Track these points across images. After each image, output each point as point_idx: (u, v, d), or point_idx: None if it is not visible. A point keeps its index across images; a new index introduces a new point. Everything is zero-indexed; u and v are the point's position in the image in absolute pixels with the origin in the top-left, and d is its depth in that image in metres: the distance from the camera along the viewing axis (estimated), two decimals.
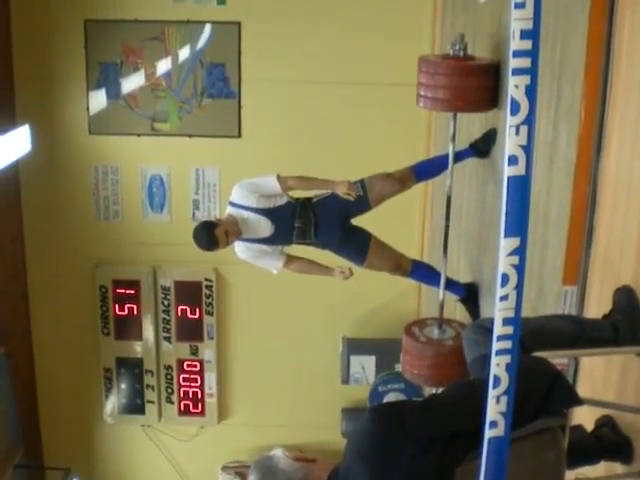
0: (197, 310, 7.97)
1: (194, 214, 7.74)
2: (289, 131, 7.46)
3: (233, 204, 4.97)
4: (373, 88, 7.29)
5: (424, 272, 5.49)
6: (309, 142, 7.44)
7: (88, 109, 7.48)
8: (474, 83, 4.73)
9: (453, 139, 5.06)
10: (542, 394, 2.18)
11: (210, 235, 4.80)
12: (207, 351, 8.10)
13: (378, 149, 7.13)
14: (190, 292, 7.93)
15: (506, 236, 1.66)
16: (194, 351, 8.10)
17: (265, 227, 4.96)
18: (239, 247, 5.05)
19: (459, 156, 5.20)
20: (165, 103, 7.48)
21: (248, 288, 7.88)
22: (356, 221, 5.13)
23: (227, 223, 4.87)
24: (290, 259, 5.12)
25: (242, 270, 7.77)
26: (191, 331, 8.02)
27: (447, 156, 5.10)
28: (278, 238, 5.02)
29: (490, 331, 1.75)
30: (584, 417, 3.13)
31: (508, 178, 1.66)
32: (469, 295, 5.46)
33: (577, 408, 2.46)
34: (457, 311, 5.86)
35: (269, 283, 7.79)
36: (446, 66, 4.77)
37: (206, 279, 7.89)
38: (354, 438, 2.09)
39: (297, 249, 5.21)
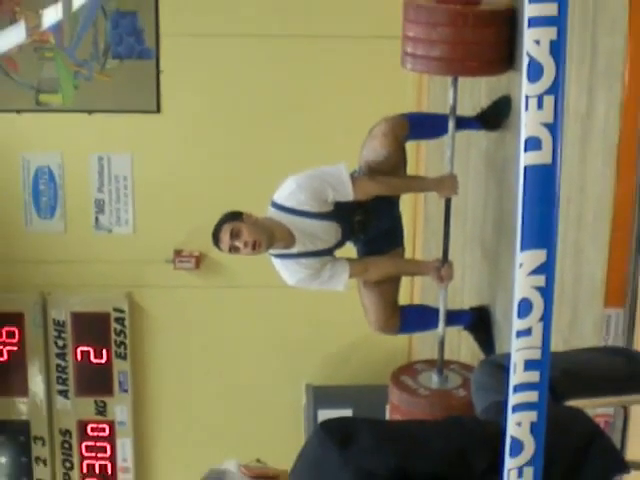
0: (104, 352, 7.93)
1: (97, 220, 7.70)
2: (226, 104, 7.45)
3: (284, 208, 4.98)
4: (338, 42, 7.30)
5: (418, 318, 5.58)
6: (255, 118, 7.44)
7: None
8: (487, 36, 4.75)
9: (453, 112, 5.09)
10: (573, 458, 2.22)
11: (216, 229, 4.90)
12: (119, 409, 8.06)
13: (347, 127, 7.14)
14: (94, 328, 7.89)
15: (525, 248, 1.67)
16: (101, 409, 8.06)
17: (334, 233, 5.07)
18: (288, 269, 5.09)
19: (462, 125, 5.27)
20: (54, 67, 7.44)
21: (175, 320, 7.86)
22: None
23: (258, 225, 4.87)
24: (354, 264, 5.22)
25: (166, 295, 7.79)
26: (96, 382, 7.99)
27: (446, 118, 5.16)
28: (341, 243, 5.16)
29: (508, 372, 1.77)
30: None
31: (526, 168, 1.67)
32: (478, 320, 5.52)
33: (626, 476, 2.48)
34: (462, 346, 5.89)
35: (204, 313, 7.83)
36: (450, 13, 4.78)
37: (116, 309, 7.86)
38: (300, 452, 2.35)
39: None
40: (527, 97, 1.66)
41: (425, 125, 5.39)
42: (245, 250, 4.83)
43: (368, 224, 5.16)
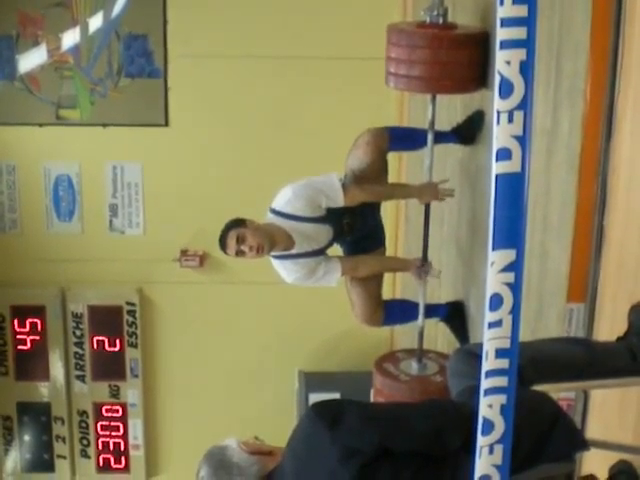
0: (117, 341, 7.92)
1: (111, 222, 7.70)
2: (229, 118, 7.44)
3: (283, 214, 4.97)
4: (330, 63, 7.30)
5: (400, 311, 5.59)
6: (254, 132, 7.43)
7: None
8: (462, 57, 4.74)
9: (432, 127, 5.08)
10: (539, 436, 2.23)
11: (222, 235, 4.89)
12: (131, 392, 8.05)
13: (336, 138, 7.11)
14: (108, 319, 7.88)
15: (496, 248, 1.67)
16: (115, 392, 8.04)
17: (327, 234, 5.08)
18: (287, 268, 5.09)
19: (439, 138, 5.26)
20: (73, 85, 7.43)
21: (181, 313, 7.85)
22: None
23: (260, 231, 4.86)
24: (345, 262, 5.22)
25: (173, 291, 7.78)
26: (110, 368, 7.97)
27: (425, 132, 5.15)
28: (332, 243, 5.17)
29: (481, 359, 1.77)
30: (597, 464, 3.15)
31: (497, 176, 1.67)
32: (454, 313, 5.53)
33: (586, 453, 2.49)
34: (439, 336, 5.89)
35: (207, 306, 7.82)
36: (427, 37, 4.77)
37: (128, 303, 7.84)
38: (294, 429, 2.41)
39: None
40: (499, 112, 1.65)
41: (404, 138, 5.39)
42: (250, 254, 4.83)
43: (355, 226, 5.18)
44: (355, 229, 5.19)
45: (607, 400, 3.44)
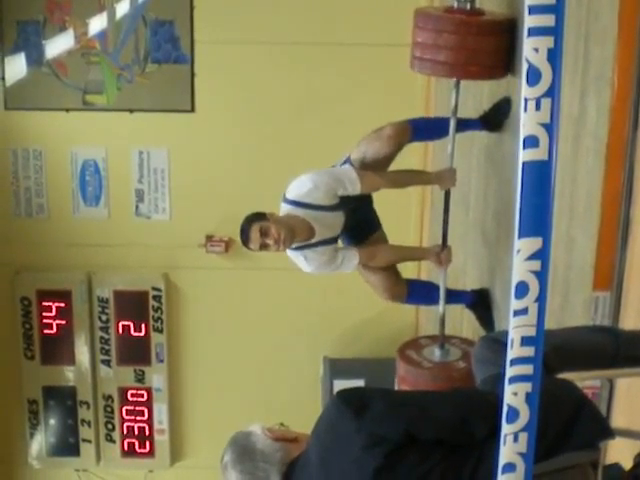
0: (143, 326, 7.96)
1: (137, 208, 7.73)
2: (254, 104, 7.44)
3: (302, 204, 4.97)
4: (357, 49, 7.29)
5: (424, 291, 5.59)
6: (278, 117, 7.44)
7: (3, 79, 7.44)
8: (488, 44, 4.73)
9: (455, 112, 5.07)
10: (564, 424, 2.23)
11: (244, 229, 4.88)
12: (156, 377, 8.09)
13: (363, 125, 7.12)
14: (134, 304, 7.92)
15: (522, 236, 1.66)
16: (140, 377, 8.08)
17: (341, 221, 5.08)
18: (307, 257, 5.09)
19: (465, 126, 5.27)
20: (100, 70, 7.45)
21: (206, 298, 7.88)
22: None
23: (282, 223, 4.86)
24: (363, 250, 5.21)
25: (199, 276, 7.81)
26: (136, 353, 8.01)
27: (448, 120, 5.15)
28: (344, 229, 5.15)
29: (506, 347, 1.77)
30: (622, 452, 3.14)
31: (524, 164, 1.66)
32: (479, 300, 5.52)
33: (611, 441, 2.48)
34: (465, 323, 5.88)
35: (232, 292, 7.84)
36: (455, 22, 4.76)
37: (154, 288, 7.88)
38: (319, 417, 2.42)
39: None
40: (526, 99, 1.65)
41: (427, 130, 5.39)
42: (275, 247, 4.83)
43: (357, 211, 5.15)
44: (357, 215, 5.18)
45: (632, 388, 3.43)
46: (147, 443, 8.24)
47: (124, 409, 8.17)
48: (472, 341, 5.43)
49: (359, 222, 5.25)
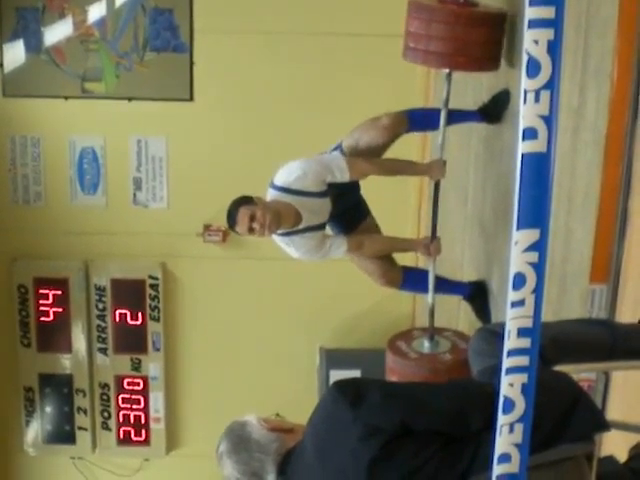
0: (139, 315, 7.96)
1: (135, 196, 7.72)
2: (252, 93, 7.44)
3: (290, 190, 4.97)
4: (357, 39, 7.28)
5: (419, 279, 5.56)
6: (277, 106, 7.43)
7: (2, 65, 7.43)
8: (478, 35, 4.74)
9: (446, 104, 5.09)
10: (559, 416, 2.23)
11: (231, 213, 4.90)
12: (152, 365, 8.09)
13: (363, 114, 7.11)
14: (131, 292, 7.92)
15: (520, 227, 1.67)
16: (136, 366, 8.09)
17: (328, 207, 5.08)
18: (295, 243, 5.09)
19: (464, 118, 5.29)
20: (98, 58, 7.44)
21: (203, 287, 7.88)
22: None
23: (270, 208, 4.85)
24: (351, 238, 5.21)
25: (196, 265, 7.80)
26: (132, 341, 8.01)
27: (446, 112, 5.15)
28: (332, 215, 5.15)
29: (503, 339, 1.78)
30: (617, 445, 3.15)
31: (523, 155, 1.67)
32: (476, 292, 5.53)
33: (606, 434, 2.49)
34: (461, 314, 5.89)
35: (229, 281, 7.84)
36: (446, 12, 4.78)
37: (151, 276, 7.88)
38: (315, 408, 2.43)
39: None
40: (526, 91, 1.65)
41: (424, 121, 5.39)
42: (261, 230, 4.82)
43: (345, 198, 5.16)
44: (343, 200, 5.17)
45: (628, 381, 3.44)
46: (143, 431, 8.24)
47: (120, 397, 8.16)
48: (464, 334, 5.44)
49: (347, 209, 5.25)
